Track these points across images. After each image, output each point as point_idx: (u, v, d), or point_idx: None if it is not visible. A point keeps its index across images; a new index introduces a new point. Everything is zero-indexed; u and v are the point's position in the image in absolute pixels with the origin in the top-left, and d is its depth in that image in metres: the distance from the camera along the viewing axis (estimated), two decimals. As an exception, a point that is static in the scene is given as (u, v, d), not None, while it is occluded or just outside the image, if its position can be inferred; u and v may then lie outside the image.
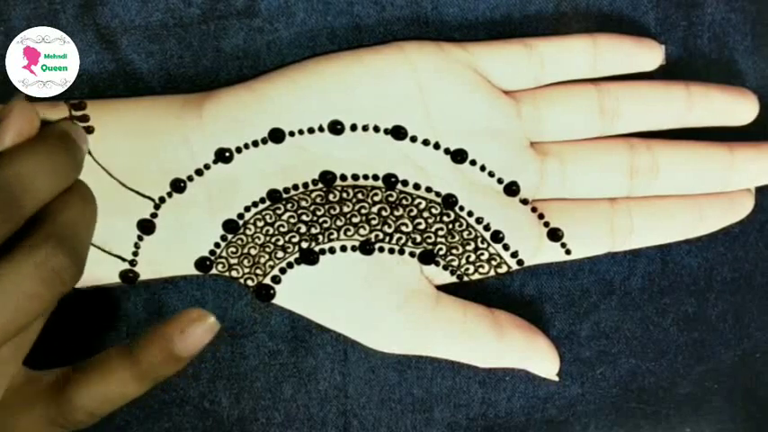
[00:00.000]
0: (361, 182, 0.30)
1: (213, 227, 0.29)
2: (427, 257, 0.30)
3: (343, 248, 0.30)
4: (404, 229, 0.30)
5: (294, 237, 0.30)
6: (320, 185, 0.30)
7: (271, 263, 0.30)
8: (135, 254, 0.29)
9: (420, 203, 0.30)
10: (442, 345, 0.30)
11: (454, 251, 0.31)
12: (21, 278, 0.21)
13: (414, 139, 0.29)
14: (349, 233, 0.30)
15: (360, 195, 0.30)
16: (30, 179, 0.22)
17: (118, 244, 0.29)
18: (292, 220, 0.30)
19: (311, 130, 0.29)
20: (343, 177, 0.30)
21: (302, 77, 0.29)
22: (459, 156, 0.30)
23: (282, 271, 0.30)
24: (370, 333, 0.30)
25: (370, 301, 0.30)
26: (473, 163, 0.30)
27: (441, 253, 0.31)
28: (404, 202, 0.30)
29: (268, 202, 0.29)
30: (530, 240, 0.31)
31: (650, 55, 0.30)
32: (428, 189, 0.30)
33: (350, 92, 0.29)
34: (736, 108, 0.31)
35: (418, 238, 0.30)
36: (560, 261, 0.31)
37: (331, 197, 0.30)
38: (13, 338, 0.22)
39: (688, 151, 0.31)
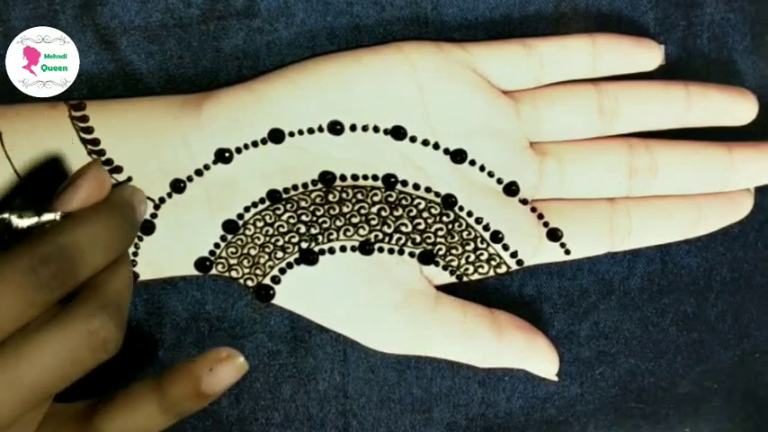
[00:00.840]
0: (361, 182, 0.30)
1: (213, 227, 0.29)
2: (427, 257, 0.30)
3: (343, 249, 0.30)
4: (403, 229, 0.30)
5: (294, 237, 0.30)
6: (320, 186, 0.30)
7: (270, 263, 0.30)
8: (134, 254, 0.29)
9: (419, 203, 0.30)
10: (442, 345, 0.30)
11: (454, 251, 0.31)
12: (71, 344, 0.22)
13: (413, 140, 0.29)
14: (348, 233, 0.30)
15: (359, 195, 0.30)
16: (89, 247, 0.23)
17: (117, 244, 0.29)
18: (292, 221, 0.30)
19: (311, 131, 0.29)
20: (343, 177, 0.30)
21: (302, 78, 0.29)
22: (458, 156, 0.30)
23: (282, 271, 0.30)
24: (369, 333, 0.30)
25: (370, 302, 0.30)
26: (472, 163, 0.30)
27: (440, 253, 0.31)
28: (403, 202, 0.30)
29: (268, 203, 0.29)
30: (529, 240, 0.31)
31: (649, 55, 0.30)
32: (428, 189, 0.30)
33: (349, 92, 0.29)
34: (736, 108, 0.31)
35: (418, 239, 0.30)
36: (560, 261, 0.31)
37: (330, 197, 0.30)
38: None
39: (687, 151, 0.31)
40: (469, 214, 0.30)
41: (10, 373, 0.21)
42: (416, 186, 0.30)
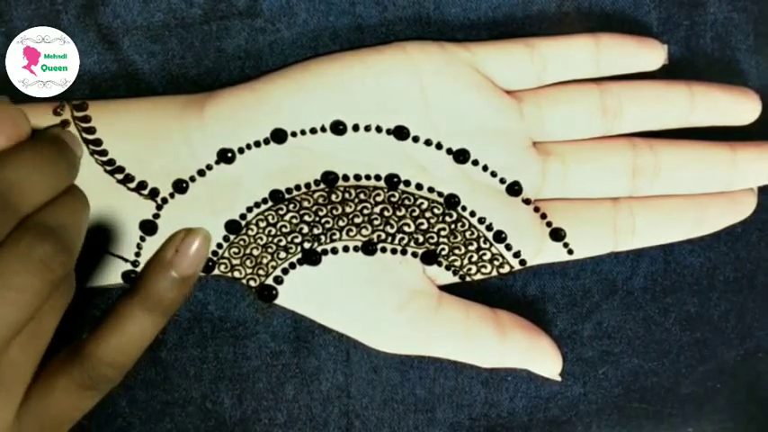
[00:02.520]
0: (364, 182, 0.30)
1: (215, 227, 0.29)
2: (430, 257, 0.30)
3: (346, 249, 0.30)
4: (406, 229, 0.30)
5: (296, 237, 0.30)
6: (322, 186, 0.30)
7: (273, 263, 0.30)
8: (137, 254, 0.29)
9: (422, 204, 0.30)
10: (445, 345, 0.30)
11: (456, 251, 0.31)
12: (7, 272, 0.21)
13: (416, 140, 0.29)
14: (351, 233, 0.30)
15: (362, 196, 0.30)
16: (23, 183, 0.22)
17: (120, 245, 0.29)
18: (295, 221, 0.30)
19: (313, 131, 0.29)
20: (346, 178, 0.30)
21: (304, 78, 0.29)
22: (461, 156, 0.30)
23: (285, 271, 0.30)
24: (372, 333, 0.30)
25: (373, 302, 0.30)
26: (475, 163, 0.30)
27: (443, 253, 0.31)
28: (406, 202, 0.30)
29: (270, 203, 0.29)
30: (532, 240, 0.31)
31: (653, 55, 0.30)
32: (430, 189, 0.30)
33: (352, 92, 0.29)
34: (739, 108, 0.31)
35: (420, 239, 0.30)
36: (563, 261, 0.31)
37: (333, 197, 0.30)
38: (26, 338, 0.22)
39: (690, 151, 0.31)
40: (472, 214, 0.30)
41: None
42: (419, 186, 0.30)
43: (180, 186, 0.29)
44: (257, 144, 0.29)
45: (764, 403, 0.35)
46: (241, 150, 0.29)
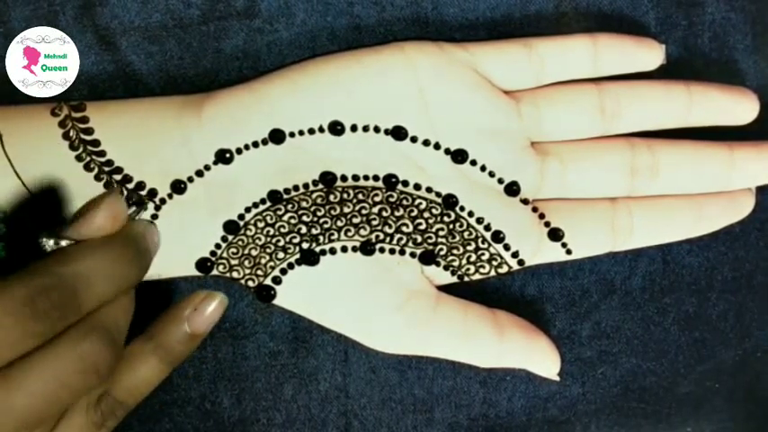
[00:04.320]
0: (362, 182, 0.30)
1: (214, 228, 0.29)
2: (428, 258, 0.30)
3: (344, 249, 0.30)
4: (404, 229, 0.30)
5: (295, 237, 0.30)
6: (321, 186, 0.30)
7: (271, 264, 0.30)
8: (135, 255, 0.29)
9: (420, 204, 0.30)
10: (443, 345, 0.30)
11: (455, 251, 0.31)
12: (61, 366, 0.22)
13: (414, 140, 0.29)
14: (350, 234, 0.30)
15: (360, 196, 0.30)
16: (94, 279, 0.23)
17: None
18: (293, 221, 0.30)
19: (311, 131, 0.29)
20: (344, 178, 0.30)
21: (302, 78, 0.29)
22: (459, 156, 0.30)
23: (283, 272, 0.30)
24: (370, 333, 0.30)
25: (371, 302, 0.30)
26: (473, 163, 0.30)
27: (441, 253, 0.31)
28: (404, 202, 0.30)
29: (268, 203, 0.29)
30: (530, 240, 0.31)
31: (650, 54, 0.30)
32: (428, 189, 0.30)
33: (350, 92, 0.29)
34: (737, 107, 0.31)
35: (419, 239, 0.30)
36: (561, 261, 0.31)
37: (331, 198, 0.30)
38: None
39: (688, 151, 0.31)
40: (470, 214, 0.30)
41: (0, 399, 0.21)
42: (417, 186, 0.30)
43: (178, 187, 0.29)
44: (255, 144, 0.29)
45: (763, 403, 0.35)
46: (239, 151, 0.29)
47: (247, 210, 0.29)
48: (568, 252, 0.31)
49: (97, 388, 0.23)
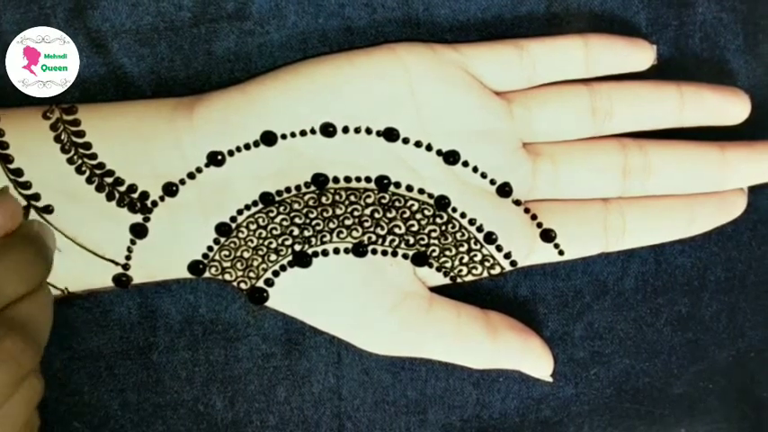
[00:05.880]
0: (354, 184, 0.30)
1: (206, 230, 0.29)
2: (420, 259, 0.30)
3: (336, 251, 0.30)
4: (397, 230, 0.30)
5: (287, 239, 0.30)
6: (313, 188, 0.30)
7: (264, 266, 0.30)
8: (128, 258, 0.29)
9: (413, 205, 0.30)
10: (436, 346, 0.30)
11: (447, 253, 0.31)
12: None
13: (406, 141, 0.29)
14: (342, 235, 0.30)
15: (352, 197, 0.30)
16: (2, 280, 0.24)
17: (111, 248, 0.29)
18: (285, 223, 0.30)
19: (303, 133, 0.29)
20: (336, 180, 0.30)
21: (294, 80, 0.29)
22: (451, 157, 0.30)
23: (275, 274, 0.30)
24: (363, 335, 0.30)
25: (364, 304, 0.30)
26: (465, 164, 0.30)
27: (434, 254, 0.30)
28: (396, 203, 0.30)
29: (261, 205, 0.29)
30: (523, 241, 0.31)
31: (642, 55, 0.30)
32: (421, 191, 0.30)
33: (341, 94, 0.29)
34: (728, 107, 0.31)
35: (411, 240, 0.30)
36: (553, 262, 0.31)
37: (324, 199, 0.30)
38: None
39: (680, 151, 0.31)
40: (463, 215, 0.30)
41: None
42: (409, 188, 0.30)
43: (170, 189, 0.29)
44: (247, 147, 0.29)
45: (757, 403, 0.35)
46: (231, 153, 0.29)
47: (239, 212, 0.29)
48: (561, 253, 0.31)
49: (24, 379, 0.24)
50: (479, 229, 0.30)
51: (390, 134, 0.29)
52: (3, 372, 0.23)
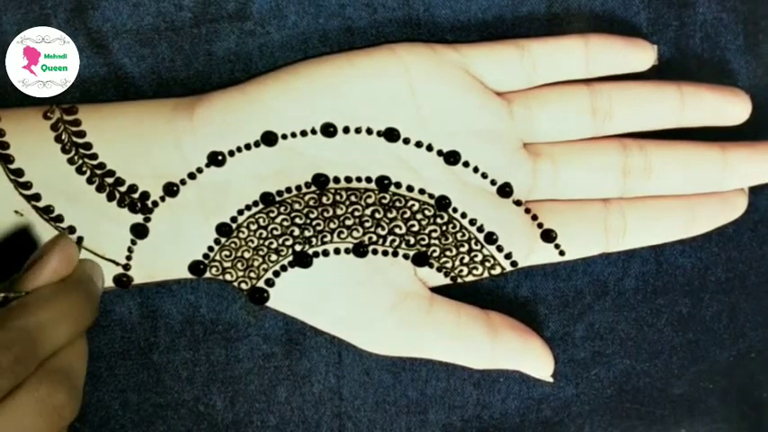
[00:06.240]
0: (354, 184, 0.30)
1: (206, 230, 0.29)
2: (421, 259, 0.30)
3: (337, 251, 0.30)
4: (397, 231, 0.30)
5: (287, 240, 0.30)
6: (313, 188, 0.30)
7: (264, 266, 0.30)
8: (128, 258, 0.29)
9: (413, 205, 0.30)
10: (437, 346, 0.30)
11: (448, 253, 0.31)
12: (22, 414, 0.22)
13: (406, 141, 0.29)
14: (342, 235, 0.30)
15: (353, 198, 0.30)
16: (51, 327, 0.24)
17: (111, 248, 0.29)
18: (286, 223, 0.30)
19: (304, 133, 0.29)
20: (336, 180, 0.30)
21: (294, 80, 0.29)
22: (451, 157, 0.30)
23: (276, 274, 0.30)
24: (364, 335, 0.30)
25: (364, 304, 0.30)
26: (466, 164, 0.30)
27: (434, 255, 0.30)
28: (397, 204, 0.30)
29: (261, 206, 0.29)
30: (523, 241, 0.31)
31: (642, 55, 0.30)
32: (421, 191, 0.30)
33: (342, 94, 0.29)
34: (729, 108, 0.31)
35: (412, 240, 0.30)
36: (554, 262, 0.31)
37: (324, 200, 0.30)
38: None
39: (681, 151, 0.31)
40: (463, 216, 0.30)
41: None
42: (410, 188, 0.30)
43: (170, 190, 0.29)
44: (248, 147, 0.29)
45: (757, 403, 0.35)
46: (231, 153, 0.29)
47: (240, 212, 0.29)
48: (561, 253, 0.31)
49: (62, 430, 0.24)
50: (480, 230, 0.30)
51: (391, 134, 0.29)
52: (46, 425, 0.23)
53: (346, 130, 0.29)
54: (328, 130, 0.29)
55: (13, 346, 0.22)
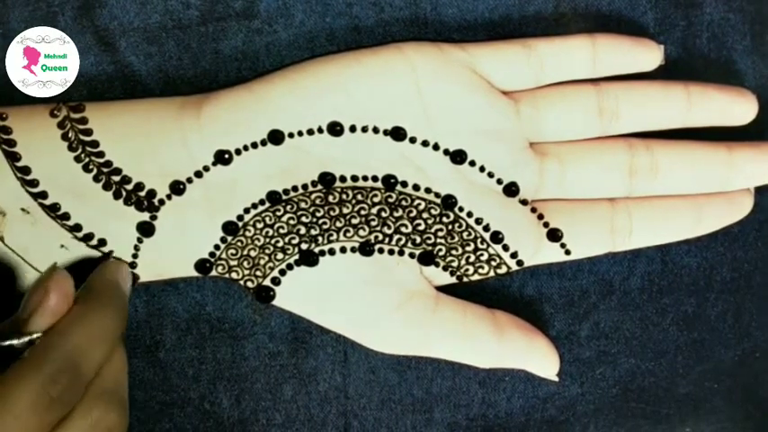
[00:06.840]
0: (361, 183, 0.30)
1: (213, 229, 0.29)
2: (427, 258, 0.30)
3: (343, 250, 0.30)
4: (403, 230, 0.30)
5: (294, 238, 0.30)
6: (320, 187, 0.30)
7: (270, 264, 0.30)
8: (135, 256, 0.29)
9: (419, 204, 0.30)
10: (442, 345, 0.30)
11: (454, 252, 0.31)
12: None
13: (413, 140, 0.29)
14: (348, 234, 0.30)
15: (359, 196, 0.30)
16: (89, 347, 0.24)
17: (118, 246, 0.29)
18: (292, 222, 0.30)
19: (310, 132, 0.29)
20: (343, 179, 0.30)
21: (301, 79, 0.29)
22: (458, 156, 0.30)
23: (282, 272, 0.30)
24: (370, 334, 0.30)
25: (370, 303, 0.30)
26: (472, 164, 0.30)
27: (440, 254, 0.31)
28: (403, 203, 0.30)
29: (267, 204, 0.29)
30: (529, 241, 0.31)
31: (649, 55, 0.30)
32: (427, 190, 0.30)
33: (349, 93, 0.29)
34: (735, 108, 0.31)
35: (418, 239, 0.30)
36: (560, 261, 0.31)
37: (330, 198, 0.30)
38: None
39: (687, 151, 0.31)
40: (469, 215, 0.30)
41: None
42: (416, 187, 0.30)
43: (177, 188, 0.29)
44: (254, 145, 0.29)
45: (762, 403, 0.35)
46: (238, 152, 0.29)
47: (246, 211, 0.29)
48: (567, 252, 0.31)
49: None
50: (486, 229, 0.30)
51: (397, 133, 0.29)
52: None
53: (353, 128, 0.29)
54: (335, 129, 0.29)
55: (61, 377, 0.23)
